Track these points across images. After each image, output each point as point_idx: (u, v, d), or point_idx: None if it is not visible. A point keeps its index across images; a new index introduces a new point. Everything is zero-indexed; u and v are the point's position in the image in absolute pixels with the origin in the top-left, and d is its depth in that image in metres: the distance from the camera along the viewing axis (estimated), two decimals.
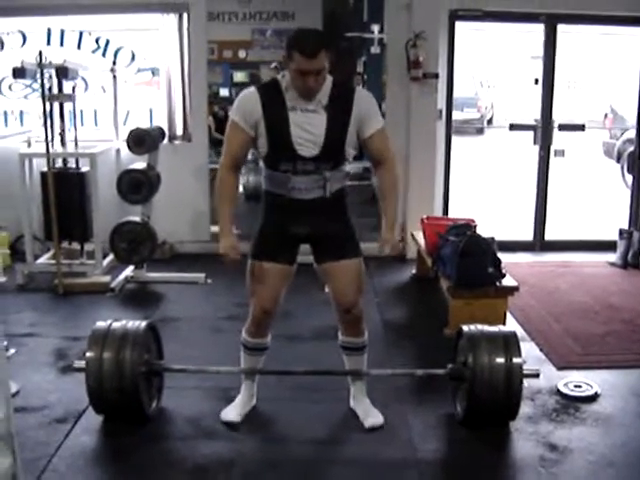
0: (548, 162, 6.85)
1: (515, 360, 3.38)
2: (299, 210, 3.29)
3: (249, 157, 10.44)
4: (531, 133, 6.88)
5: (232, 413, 3.55)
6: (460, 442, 3.43)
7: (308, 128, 3.17)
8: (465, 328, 3.57)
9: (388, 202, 3.40)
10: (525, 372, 3.40)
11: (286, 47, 3.12)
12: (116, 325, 3.53)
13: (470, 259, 4.65)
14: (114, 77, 6.43)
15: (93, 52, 6.70)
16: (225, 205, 3.33)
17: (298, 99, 3.18)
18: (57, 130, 5.86)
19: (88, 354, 3.42)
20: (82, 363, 3.43)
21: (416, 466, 3.21)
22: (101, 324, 3.56)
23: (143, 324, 3.56)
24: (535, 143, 6.86)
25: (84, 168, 5.87)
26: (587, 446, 3.35)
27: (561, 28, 6.62)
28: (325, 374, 3.76)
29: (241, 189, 9.13)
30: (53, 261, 5.67)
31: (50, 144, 5.56)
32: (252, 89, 3.28)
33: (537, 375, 3.52)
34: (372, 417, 3.53)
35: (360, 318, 3.48)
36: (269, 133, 3.20)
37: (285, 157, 3.21)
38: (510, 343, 3.44)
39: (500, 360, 3.37)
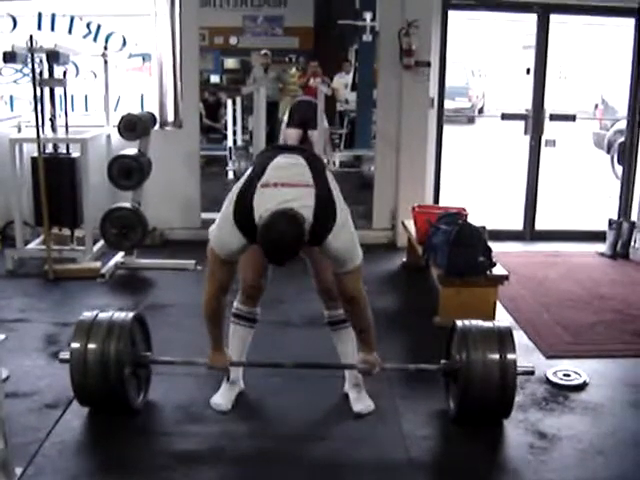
0: (539, 152, 6.87)
1: (509, 357, 3.30)
2: None
3: (240, 144, 10.44)
4: (522, 123, 6.89)
5: (222, 402, 3.56)
6: (449, 430, 3.44)
7: None
8: (459, 323, 3.48)
9: (365, 338, 3.34)
10: (520, 369, 3.33)
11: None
12: (102, 316, 3.46)
13: (461, 248, 4.66)
14: (105, 62, 6.37)
15: (84, 37, 6.66)
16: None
17: None
18: (48, 115, 5.83)
19: (73, 345, 3.36)
20: (67, 355, 3.38)
21: (407, 455, 3.21)
22: (87, 315, 3.49)
23: (130, 315, 3.50)
24: (526, 133, 6.87)
25: (75, 154, 5.85)
26: (576, 434, 3.37)
27: (554, 18, 6.63)
28: (315, 367, 3.72)
29: (231, 176, 9.17)
30: (43, 247, 5.65)
31: (41, 129, 5.52)
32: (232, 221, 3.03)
33: (532, 372, 3.47)
34: (362, 403, 3.54)
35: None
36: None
37: None
38: (505, 339, 3.35)
39: (494, 357, 3.29)
